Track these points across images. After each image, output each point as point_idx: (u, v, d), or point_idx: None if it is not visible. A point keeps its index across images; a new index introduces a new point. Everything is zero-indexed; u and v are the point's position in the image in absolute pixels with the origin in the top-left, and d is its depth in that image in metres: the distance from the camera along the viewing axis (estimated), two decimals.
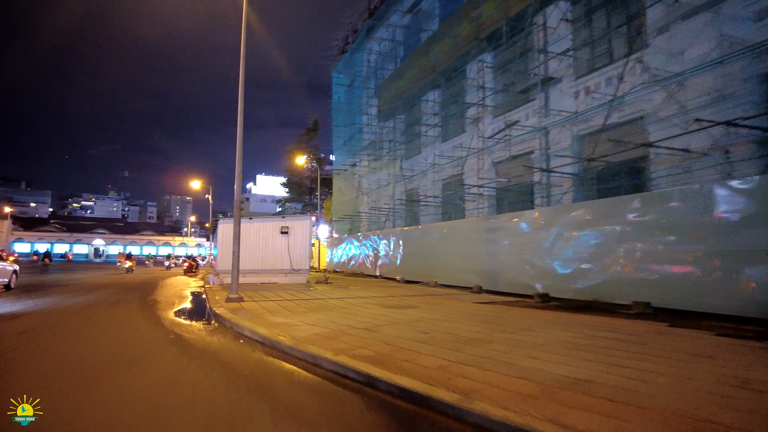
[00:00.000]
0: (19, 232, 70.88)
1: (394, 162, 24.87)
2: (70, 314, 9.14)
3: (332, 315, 8.29)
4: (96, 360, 5.34)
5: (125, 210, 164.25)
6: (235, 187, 10.70)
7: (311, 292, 13.38)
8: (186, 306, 11.08)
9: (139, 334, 7.15)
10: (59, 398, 3.89)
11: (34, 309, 9.78)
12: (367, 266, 23.75)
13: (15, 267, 14.54)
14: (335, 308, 9.37)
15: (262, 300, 10.97)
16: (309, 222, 18.69)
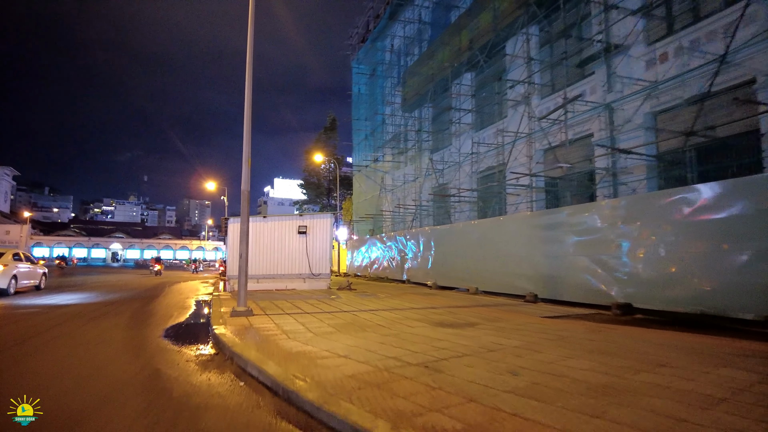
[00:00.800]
0: (39, 236, 70.58)
1: (422, 155, 22.72)
2: (38, 331, 7.20)
3: (369, 338, 6.16)
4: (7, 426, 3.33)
5: (144, 214, 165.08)
6: (243, 173, 8.66)
7: (335, 302, 11.28)
8: (183, 321, 9.06)
9: (105, 369, 5.11)
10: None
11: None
12: (392, 270, 21.61)
13: (44, 270, 16.37)
14: (370, 326, 7.24)
15: (277, 313, 8.90)
16: (329, 220, 16.63)
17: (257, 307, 9.72)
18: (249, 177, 8.71)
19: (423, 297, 12.99)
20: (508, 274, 12.93)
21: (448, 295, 13.78)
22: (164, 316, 9.49)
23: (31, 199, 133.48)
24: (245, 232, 8.56)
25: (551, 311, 9.49)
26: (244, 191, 8.64)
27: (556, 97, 14.22)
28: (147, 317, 9.41)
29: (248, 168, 8.69)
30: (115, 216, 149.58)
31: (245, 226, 8.60)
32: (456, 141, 19.48)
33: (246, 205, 8.63)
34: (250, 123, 8.76)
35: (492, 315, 8.79)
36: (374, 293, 14.41)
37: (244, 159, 8.69)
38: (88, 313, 9.87)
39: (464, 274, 15.05)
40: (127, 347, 6.30)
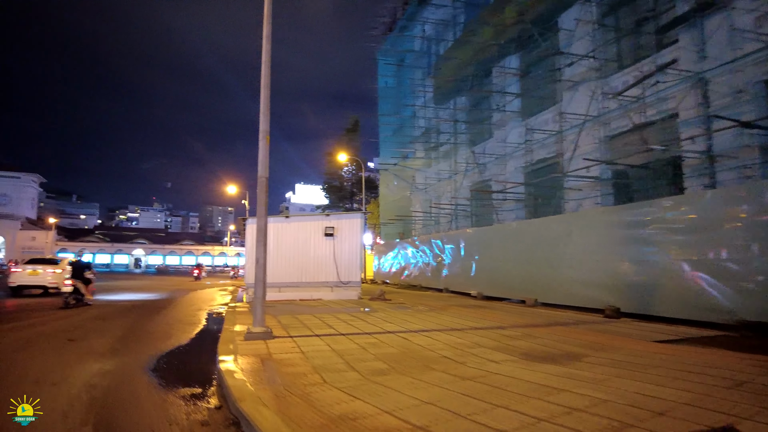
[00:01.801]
0: (63, 242, 70.60)
1: (458, 150, 20.59)
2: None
3: (446, 384, 4.10)
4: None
5: (168, 221, 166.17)
6: (259, 154, 6.72)
7: (372, 317, 9.24)
8: (184, 344, 7.11)
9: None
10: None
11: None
12: (426, 277, 19.50)
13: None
14: (436, 361, 5.17)
15: (303, 335, 6.91)
16: (359, 221, 14.65)
17: (278, 326, 7.77)
18: (267, 159, 6.78)
19: (473, 311, 10.87)
20: (578, 282, 10.72)
21: (501, 308, 11.63)
22: (161, 336, 7.60)
23: (58, 207, 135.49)
24: (263, 230, 6.61)
25: (656, 332, 7.27)
26: (261, 177, 6.70)
27: (627, 74, 11.99)
28: (140, 336, 7.53)
29: (266, 146, 6.76)
30: (139, 222, 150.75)
31: (263, 223, 6.65)
32: (499, 132, 17.33)
33: (263, 197, 6.69)
34: (269, 88, 6.85)
35: (585, 339, 6.63)
36: (414, 305, 12.34)
37: (261, 135, 6.76)
38: (66, 332, 8.05)
39: (518, 282, 12.87)
40: (89, 388, 4.37)
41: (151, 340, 7.30)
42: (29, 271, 16.04)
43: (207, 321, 9.96)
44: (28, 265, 16.54)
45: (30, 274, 15.98)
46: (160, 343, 7.01)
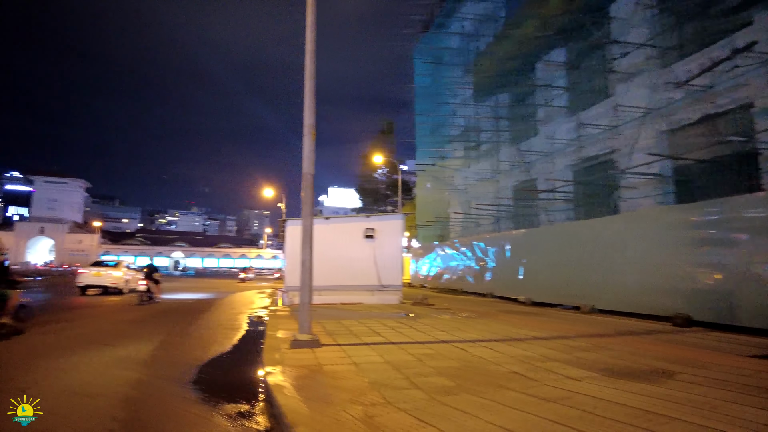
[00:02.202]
0: (107, 245, 73.20)
1: (499, 148, 19.85)
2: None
3: (526, 408, 3.53)
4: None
5: (206, 224, 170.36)
6: (304, 149, 6.31)
7: (419, 324, 8.71)
8: (227, 351, 6.77)
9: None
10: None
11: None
12: (468, 281, 18.80)
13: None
14: (505, 377, 4.60)
15: (352, 342, 6.45)
16: (400, 223, 14.16)
17: (323, 332, 7.34)
18: (313, 155, 6.36)
19: (526, 318, 10.18)
20: (640, 288, 9.89)
21: (555, 315, 10.88)
22: (204, 342, 7.29)
23: (102, 211, 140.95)
24: (309, 231, 6.19)
25: (741, 345, 6.45)
26: (306, 174, 6.28)
27: (691, 61, 11.03)
28: (180, 343, 7.25)
29: (312, 141, 6.34)
30: (178, 226, 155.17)
31: (308, 223, 6.23)
32: (545, 128, 16.52)
33: (309, 195, 6.28)
34: (314, 79, 6.45)
35: (665, 352, 5.90)
36: (459, 310, 11.74)
37: (306, 130, 6.35)
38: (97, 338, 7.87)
39: (571, 287, 12.07)
40: (127, 403, 4.02)
41: (193, 346, 7.00)
42: (93, 273, 18.14)
43: (248, 325, 9.67)
44: (92, 267, 18.80)
45: (94, 275, 18.03)
46: (201, 350, 6.69)
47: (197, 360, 5.95)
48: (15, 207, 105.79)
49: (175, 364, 5.76)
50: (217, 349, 6.79)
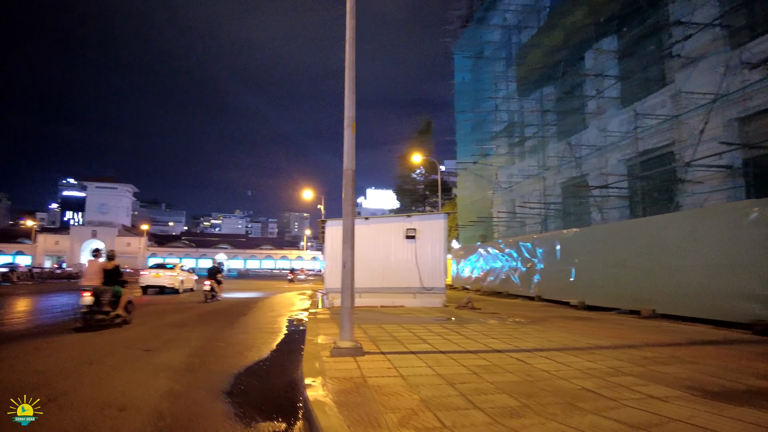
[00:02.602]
0: (153, 247, 75.84)
1: (546, 144, 18.93)
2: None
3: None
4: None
5: (248, 227, 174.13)
6: (344, 143, 5.89)
7: (469, 330, 8.13)
8: (265, 358, 6.41)
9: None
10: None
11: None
12: (514, 283, 17.96)
13: (195, 277, 19.82)
14: (577, 397, 3.98)
15: (397, 351, 5.97)
16: (442, 222, 13.57)
17: (365, 338, 6.91)
18: (353, 149, 5.93)
19: (583, 324, 9.41)
20: (712, 291, 8.94)
21: (613, 320, 10.05)
22: (241, 348, 6.98)
23: (149, 215, 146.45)
24: (350, 231, 5.76)
25: None
26: (347, 170, 5.86)
27: (766, 41, 9.97)
28: (217, 348, 6.97)
29: (352, 135, 5.91)
30: (222, 228, 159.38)
31: (349, 222, 5.80)
32: (596, 121, 15.55)
33: (350, 192, 5.85)
34: (354, 68, 6.02)
35: (756, 366, 5.12)
36: (508, 315, 11.06)
37: (346, 122, 5.93)
38: (140, 342, 7.70)
39: (630, 290, 11.16)
40: (156, 417, 3.68)
41: (230, 353, 6.70)
42: (153, 275, 20.22)
43: (287, 329, 9.35)
44: (152, 270, 21.14)
45: (154, 276, 20.11)
46: (238, 357, 6.37)
47: (234, 367, 5.62)
48: (71, 212, 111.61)
49: (212, 372, 5.44)
50: (254, 355, 6.46)
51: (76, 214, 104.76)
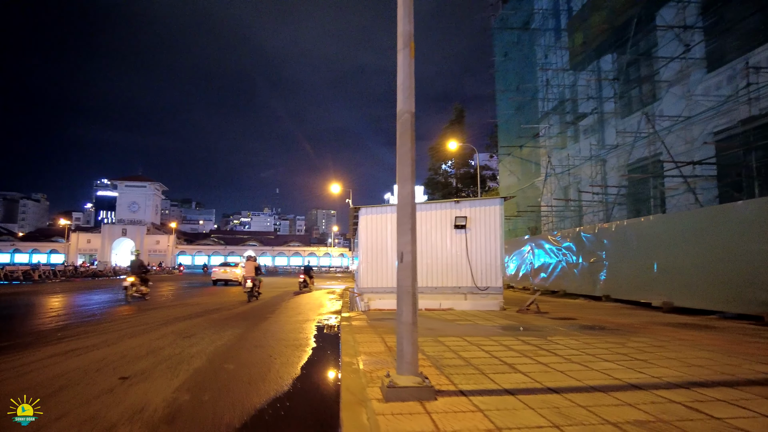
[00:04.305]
0: (182, 245, 75.67)
1: (605, 122, 16.48)
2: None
3: None
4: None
5: (277, 224, 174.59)
6: (398, 76, 3.87)
7: (560, 347, 6.00)
8: (280, 399, 4.35)
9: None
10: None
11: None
12: (571, 281, 15.63)
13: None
14: None
15: (482, 386, 3.92)
16: (498, 209, 11.40)
17: (425, 361, 4.89)
18: (412, 82, 3.89)
19: (702, 336, 7.14)
20: None
21: (737, 330, 7.72)
22: (253, 374, 5.02)
23: (181, 213, 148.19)
24: (409, 205, 3.76)
25: None
26: (404, 114, 3.83)
27: None
28: (221, 373, 5.03)
29: (410, 61, 3.88)
30: (251, 226, 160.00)
31: (408, 192, 3.78)
32: (674, 90, 13.06)
33: (409, 145, 3.82)
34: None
35: None
36: (586, 320, 8.85)
37: (400, 44, 3.90)
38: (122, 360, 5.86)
39: (746, 289, 8.79)
40: None
41: (236, 382, 4.77)
42: (221, 271, 25.11)
43: (316, 341, 7.40)
44: (220, 267, 26.06)
45: (222, 272, 24.95)
46: (245, 391, 4.42)
47: (236, 414, 3.67)
48: (105, 211, 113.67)
49: (200, 424, 3.52)
50: (269, 388, 4.50)
51: (109, 213, 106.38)
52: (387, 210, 11.52)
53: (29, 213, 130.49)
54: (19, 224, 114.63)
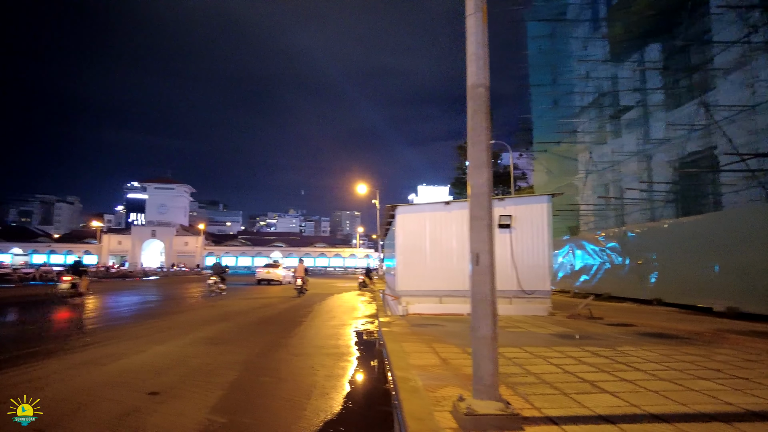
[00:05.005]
0: (210, 246, 76.44)
1: (650, 115, 15.52)
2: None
3: None
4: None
5: (302, 225, 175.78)
6: (467, 46, 3.30)
7: (635, 357, 5.31)
8: (332, 423, 3.83)
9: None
10: None
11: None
12: (617, 283, 14.73)
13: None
14: None
15: (570, 410, 3.31)
16: (546, 207, 10.66)
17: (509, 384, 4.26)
18: (486, 52, 3.31)
19: None
20: None
21: None
22: (295, 391, 4.50)
23: (208, 215, 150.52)
24: (485, 195, 3.18)
25: None
26: (477, 88, 3.25)
27: None
28: (259, 389, 4.52)
29: (483, 26, 3.30)
30: (276, 227, 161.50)
31: (484, 180, 3.20)
32: (731, 77, 12.09)
33: (483, 123, 3.24)
34: None
35: None
36: (646, 327, 8.08)
37: (471, 5, 3.31)
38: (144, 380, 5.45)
39: None
40: None
41: (277, 401, 4.26)
42: (265, 272, 28.02)
43: (358, 349, 6.87)
44: (263, 268, 28.87)
45: (265, 273, 27.83)
46: (289, 414, 3.90)
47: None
48: (135, 213, 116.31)
49: None
50: (317, 407, 3.97)
51: (139, 215, 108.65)
52: (425, 209, 10.94)
53: (64, 215, 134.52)
54: (55, 226, 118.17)
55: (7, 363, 5.45)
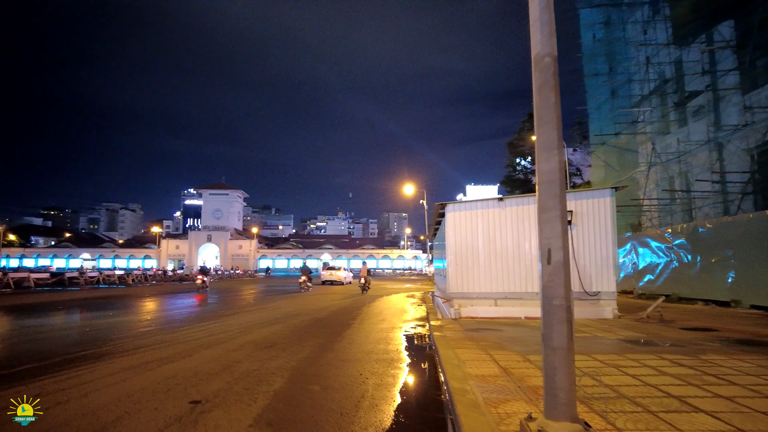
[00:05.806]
0: (263, 249, 78.40)
1: (720, 101, 14.24)
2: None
3: None
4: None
5: (351, 228, 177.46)
6: (530, 13, 2.88)
7: (727, 369, 4.64)
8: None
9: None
10: None
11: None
12: (687, 283, 13.59)
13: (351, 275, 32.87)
14: None
15: (645, 427, 2.81)
16: (609, 201, 9.88)
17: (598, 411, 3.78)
18: (552, 17, 2.87)
19: None
20: None
21: None
22: (344, 401, 4.16)
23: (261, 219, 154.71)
24: (557, 182, 2.73)
25: None
26: (544, 57, 2.81)
27: None
28: (306, 399, 4.23)
29: None
30: (326, 230, 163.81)
31: (555, 165, 2.76)
32: None
33: (552, 98, 2.79)
34: None
35: None
36: (738, 335, 7.22)
37: None
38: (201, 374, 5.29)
39: None
40: None
41: (325, 412, 3.95)
42: (328, 273, 31.42)
43: (409, 354, 6.50)
44: (326, 270, 32.55)
45: (329, 275, 31.23)
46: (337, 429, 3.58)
47: None
48: (192, 218, 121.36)
49: None
50: (368, 421, 3.63)
51: (195, 220, 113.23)
52: (477, 206, 10.41)
53: (127, 222, 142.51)
54: (119, 232, 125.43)
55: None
